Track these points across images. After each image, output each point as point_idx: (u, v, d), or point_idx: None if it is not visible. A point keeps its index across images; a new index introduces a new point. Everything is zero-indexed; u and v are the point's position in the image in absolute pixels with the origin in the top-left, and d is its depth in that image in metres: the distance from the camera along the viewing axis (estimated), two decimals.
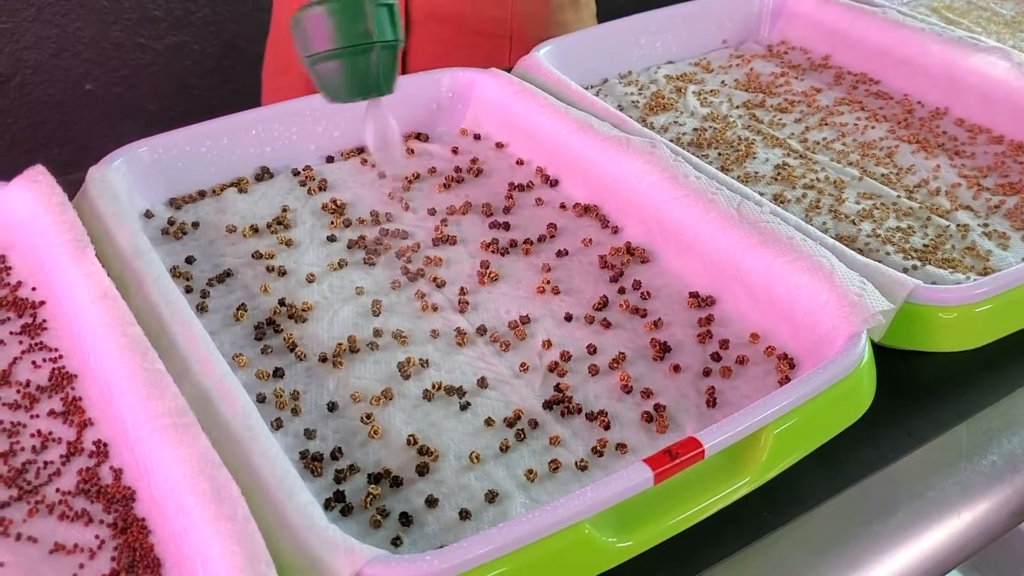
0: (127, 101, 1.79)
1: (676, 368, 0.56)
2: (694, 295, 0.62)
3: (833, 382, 0.50)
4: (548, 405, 0.54)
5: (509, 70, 0.81)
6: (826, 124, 0.82)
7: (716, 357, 0.57)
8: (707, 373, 0.56)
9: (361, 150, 0.76)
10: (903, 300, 0.56)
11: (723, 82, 0.89)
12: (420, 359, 0.56)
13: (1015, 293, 0.58)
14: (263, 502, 0.43)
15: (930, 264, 0.64)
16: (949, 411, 0.58)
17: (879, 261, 0.63)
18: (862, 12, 0.91)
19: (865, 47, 0.90)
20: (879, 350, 0.56)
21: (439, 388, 0.54)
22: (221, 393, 0.48)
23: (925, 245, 0.67)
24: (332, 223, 0.68)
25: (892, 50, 0.88)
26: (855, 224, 0.69)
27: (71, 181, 0.65)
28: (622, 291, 0.63)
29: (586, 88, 0.86)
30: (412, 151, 0.77)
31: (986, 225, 0.69)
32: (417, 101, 0.79)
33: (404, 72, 0.96)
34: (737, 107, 0.85)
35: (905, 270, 0.63)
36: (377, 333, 0.58)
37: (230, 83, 1.88)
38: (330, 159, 0.75)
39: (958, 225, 0.69)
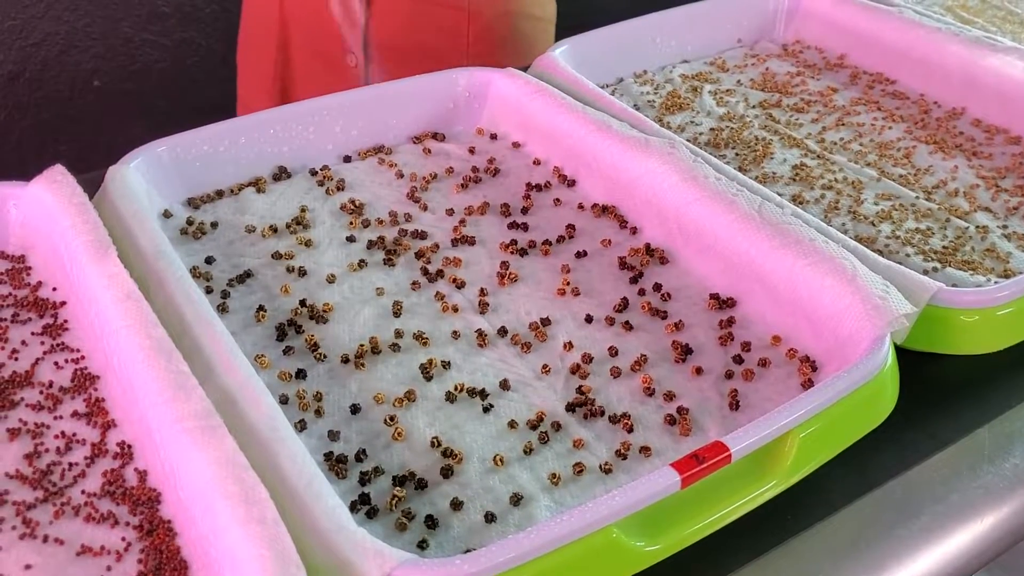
0: (135, 97, 1.79)
1: (698, 370, 0.56)
2: (715, 297, 0.62)
3: (857, 386, 0.50)
4: (571, 407, 0.54)
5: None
6: (843, 124, 0.82)
7: (738, 359, 0.57)
8: (729, 376, 0.56)
9: (379, 149, 0.76)
10: (926, 303, 0.56)
11: (739, 81, 0.89)
12: (442, 361, 0.56)
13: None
14: (291, 505, 0.43)
15: (950, 266, 0.64)
16: (971, 414, 0.58)
17: (899, 263, 0.63)
18: (878, 11, 0.91)
19: (881, 47, 0.90)
20: (901, 352, 0.56)
21: (461, 390, 0.54)
22: (246, 395, 0.48)
23: (945, 247, 0.66)
24: (351, 223, 0.68)
25: (908, 50, 0.88)
26: (874, 225, 0.68)
27: (88, 180, 0.65)
28: (642, 292, 0.63)
29: (602, 87, 0.86)
30: (429, 151, 0.77)
31: (1005, 227, 0.69)
32: (433, 100, 0.79)
33: (365, 45, 0.98)
34: (753, 107, 0.84)
35: (926, 272, 0.63)
36: (398, 334, 0.58)
37: (236, 79, 1.88)
38: (347, 159, 0.75)
39: (977, 227, 0.69)
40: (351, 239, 0.66)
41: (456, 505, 0.48)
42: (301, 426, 0.52)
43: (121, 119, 1.79)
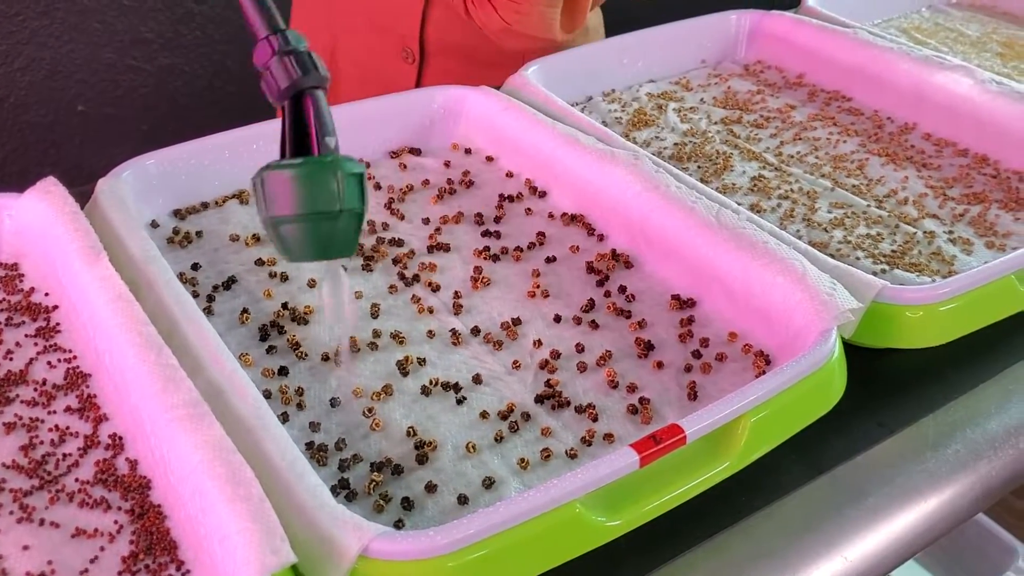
0: (119, 122, 1.82)
1: (659, 364, 0.60)
2: (676, 297, 0.65)
3: (806, 374, 0.53)
4: (539, 399, 0.57)
5: (498, 87, 0.85)
6: (800, 139, 0.86)
7: (696, 354, 0.61)
8: (688, 369, 0.60)
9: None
10: (871, 299, 0.60)
11: (702, 99, 0.93)
12: (418, 357, 0.60)
13: (977, 293, 0.62)
14: (275, 485, 0.46)
15: (898, 268, 0.68)
16: (917, 404, 0.61)
17: (850, 265, 0.67)
18: (834, 32, 0.96)
19: (837, 66, 0.94)
20: (853, 348, 0.60)
21: (436, 384, 0.58)
22: (232, 386, 0.51)
23: (893, 251, 0.70)
24: None
25: (863, 68, 0.92)
26: (827, 231, 0.72)
27: (77, 193, 0.68)
28: (608, 294, 0.66)
29: (572, 105, 0.90)
30: (405, 165, 0.80)
31: (951, 232, 0.73)
32: (410, 117, 0.83)
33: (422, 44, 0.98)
34: (715, 123, 0.89)
35: (874, 273, 0.67)
36: (376, 334, 0.61)
37: (220, 103, 1.91)
38: None
39: (925, 232, 0.73)
40: None
41: (430, 488, 0.51)
42: (284, 418, 0.55)
43: (104, 143, 1.82)
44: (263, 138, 0.76)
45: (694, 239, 0.65)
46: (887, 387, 0.62)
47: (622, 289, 0.66)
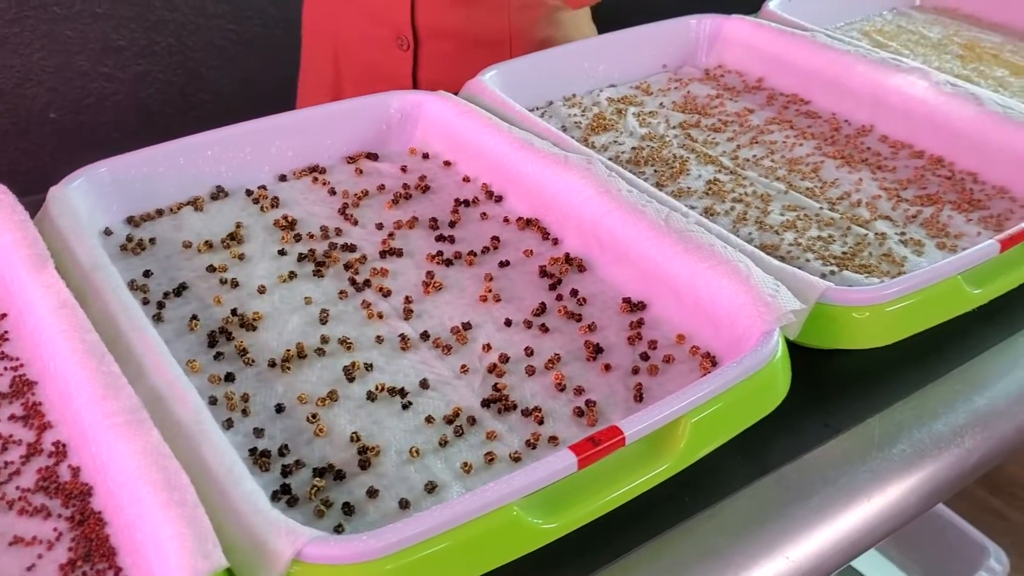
0: (91, 129, 1.82)
1: (607, 367, 0.60)
2: (627, 300, 0.66)
3: (747, 375, 0.54)
4: (486, 403, 0.57)
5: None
6: (756, 142, 0.87)
7: (644, 356, 0.61)
8: (636, 371, 0.60)
9: (314, 169, 0.80)
10: (815, 300, 0.60)
11: (661, 104, 0.93)
12: (365, 363, 0.60)
13: (923, 293, 0.62)
14: (211, 491, 0.46)
15: (848, 270, 0.68)
16: (863, 404, 0.62)
17: (800, 267, 0.68)
18: (793, 36, 0.96)
19: (795, 69, 0.95)
20: (800, 348, 0.61)
21: (382, 389, 0.58)
22: (173, 394, 0.51)
23: (844, 252, 0.71)
24: (283, 238, 0.71)
25: (820, 71, 0.93)
26: (778, 234, 0.73)
27: (32, 202, 0.68)
28: (560, 298, 0.66)
29: (532, 110, 0.90)
30: (361, 171, 0.80)
31: (903, 234, 0.74)
32: (367, 122, 0.83)
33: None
34: (674, 127, 0.89)
35: (823, 275, 0.67)
36: (324, 340, 0.61)
37: (194, 111, 1.91)
38: (283, 178, 0.78)
39: (876, 234, 0.73)
40: (282, 252, 0.69)
41: (372, 493, 0.51)
42: (228, 424, 0.55)
43: (77, 150, 1.81)
44: (217, 144, 0.76)
45: (643, 243, 0.65)
46: (834, 388, 0.63)
47: (574, 292, 0.66)
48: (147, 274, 0.67)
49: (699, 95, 0.95)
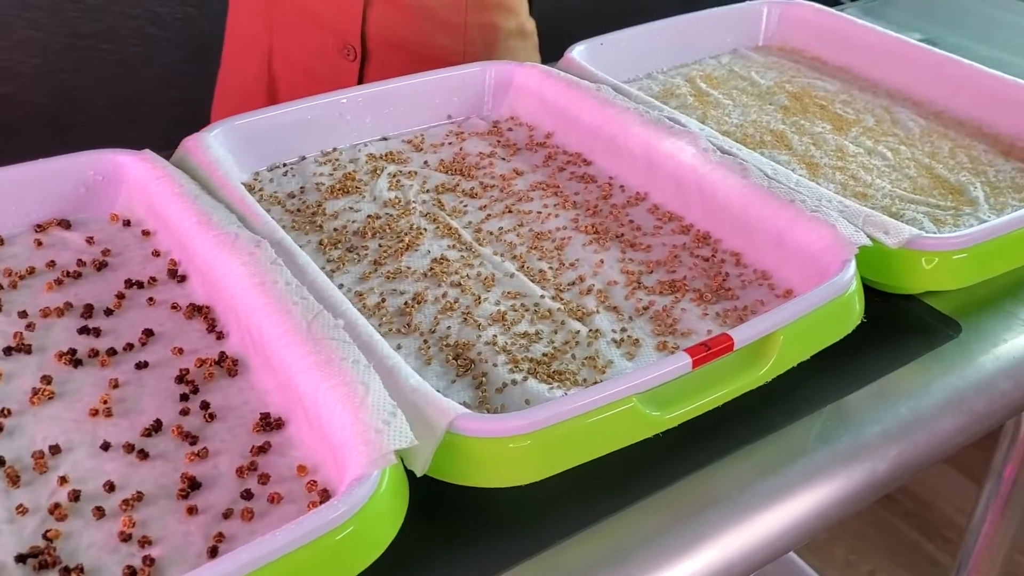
0: None
1: (192, 510, 0.50)
2: (264, 416, 0.56)
3: (319, 534, 0.44)
4: (22, 558, 0.48)
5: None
6: (510, 211, 0.77)
7: (247, 495, 0.51)
8: (227, 515, 0.50)
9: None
10: (444, 431, 0.50)
11: (426, 162, 0.84)
12: None
13: (560, 428, 0.52)
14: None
15: (536, 377, 0.59)
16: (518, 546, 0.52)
17: (484, 373, 0.59)
18: (579, 89, 0.87)
19: (580, 126, 0.86)
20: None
21: None
22: None
23: (545, 354, 0.61)
24: None
25: (601, 130, 0.84)
26: (480, 329, 0.63)
27: None
28: (185, 413, 0.57)
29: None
30: (40, 243, 0.71)
31: (624, 330, 0.64)
32: (62, 185, 0.73)
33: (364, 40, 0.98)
34: (427, 191, 0.80)
35: (504, 385, 0.58)
36: None
37: (67, 132, 1.82)
38: None
39: (592, 330, 0.64)
40: None
41: None
42: None
43: None
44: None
45: (282, 348, 0.56)
46: (482, 528, 0.53)
47: (205, 405, 0.57)
48: None
49: (471, 153, 0.85)
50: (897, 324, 0.70)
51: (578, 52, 0.94)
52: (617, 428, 0.53)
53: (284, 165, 0.82)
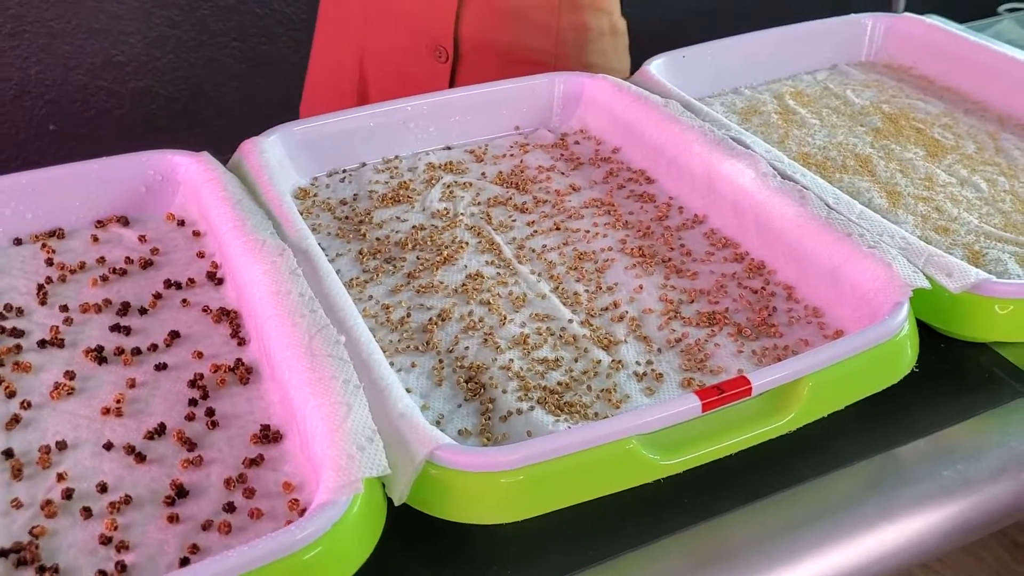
0: (92, 142, 1.83)
1: (174, 519, 0.51)
2: (264, 429, 0.56)
3: (278, 556, 0.44)
4: (3, 553, 0.49)
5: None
6: (557, 229, 0.75)
7: (229, 507, 0.51)
8: (206, 526, 0.50)
9: (53, 233, 0.73)
10: (423, 461, 0.49)
11: (483, 174, 0.82)
12: None
13: (550, 465, 0.49)
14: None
15: (544, 407, 0.57)
16: None
17: (492, 399, 0.57)
18: (647, 103, 0.83)
19: (646, 143, 0.82)
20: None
21: None
22: None
23: (559, 383, 0.59)
24: None
25: (664, 148, 0.80)
26: (498, 351, 0.61)
27: None
28: (190, 418, 0.57)
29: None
30: (97, 239, 0.73)
31: (649, 363, 0.61)
32: (123, 183, 0.76)
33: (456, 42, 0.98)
34: (478, 203, 0.78)
35: (509, 413, 0.56)
36: None
37: (199, 127, 1.90)
38: (18, 241, 0.72)
39: (614, 361, 0.61)
40: None
41: None
42: None
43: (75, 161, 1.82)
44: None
45: (283, 363, 0.56)
46: (468, 563, 0.51)
47: (210, 412, 0.57)
48: None
49: (531, 165, 0.83)
50: (961, 375, 0.63)
51: (655, 66, 0.90)
52: (614, 470, 0.50)
53: (344, 171, 0.82)
